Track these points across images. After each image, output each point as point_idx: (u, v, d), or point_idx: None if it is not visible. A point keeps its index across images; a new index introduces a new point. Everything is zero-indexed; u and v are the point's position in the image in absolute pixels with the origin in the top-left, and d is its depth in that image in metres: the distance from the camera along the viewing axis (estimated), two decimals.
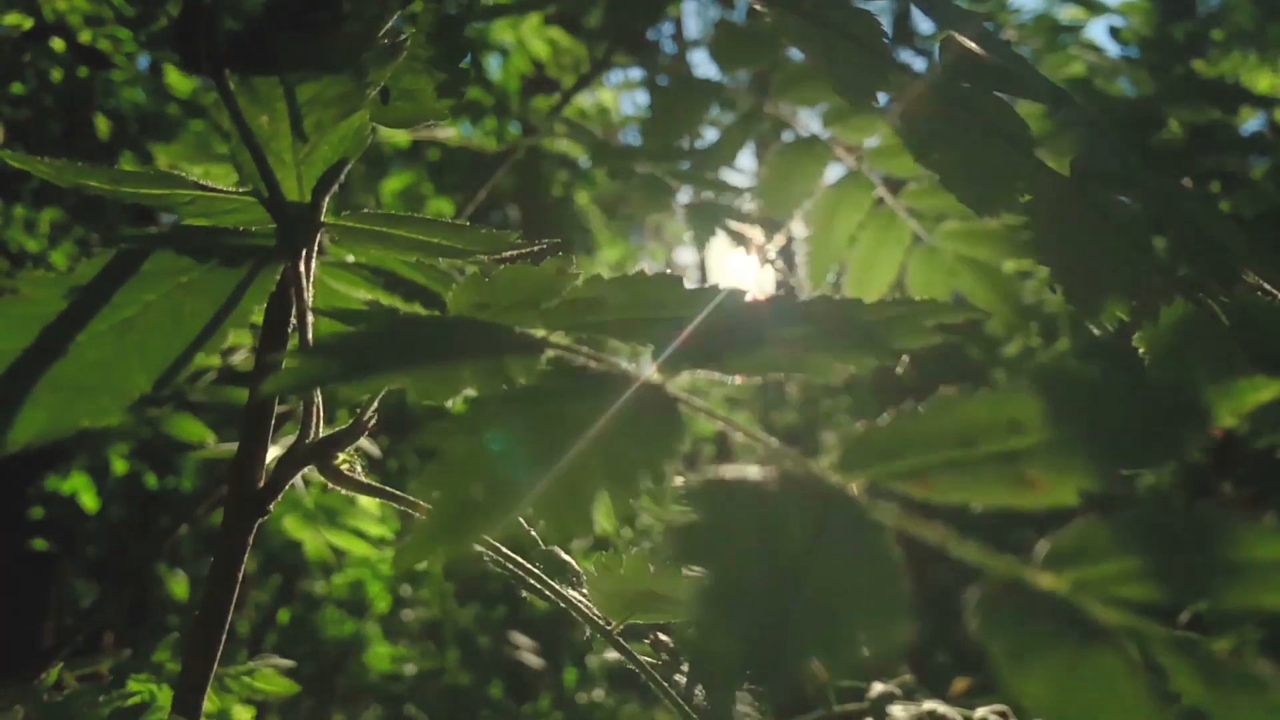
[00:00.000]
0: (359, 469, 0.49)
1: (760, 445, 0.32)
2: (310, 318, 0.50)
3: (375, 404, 0.48)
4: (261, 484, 0.48)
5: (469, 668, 2.94)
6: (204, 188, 0.50)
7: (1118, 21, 1.89)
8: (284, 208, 0.43)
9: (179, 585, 2.86)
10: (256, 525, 0.54)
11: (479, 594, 3.09)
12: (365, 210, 0.50)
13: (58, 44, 2.20)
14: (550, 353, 0.36)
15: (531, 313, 0.44)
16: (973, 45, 0.53)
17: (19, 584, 3.08)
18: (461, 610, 3.05)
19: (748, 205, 1.36)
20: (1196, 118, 1.65)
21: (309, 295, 0.44)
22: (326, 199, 0.44)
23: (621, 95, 3.10)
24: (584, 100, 2.77)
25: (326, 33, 0.41)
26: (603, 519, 0.31)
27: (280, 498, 1.81)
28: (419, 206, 2.91)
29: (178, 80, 2.57)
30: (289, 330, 0.50)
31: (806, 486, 0.30)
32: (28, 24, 2.20)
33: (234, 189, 0.50)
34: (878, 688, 1.06)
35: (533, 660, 2.57)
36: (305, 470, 1.38)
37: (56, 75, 2.28)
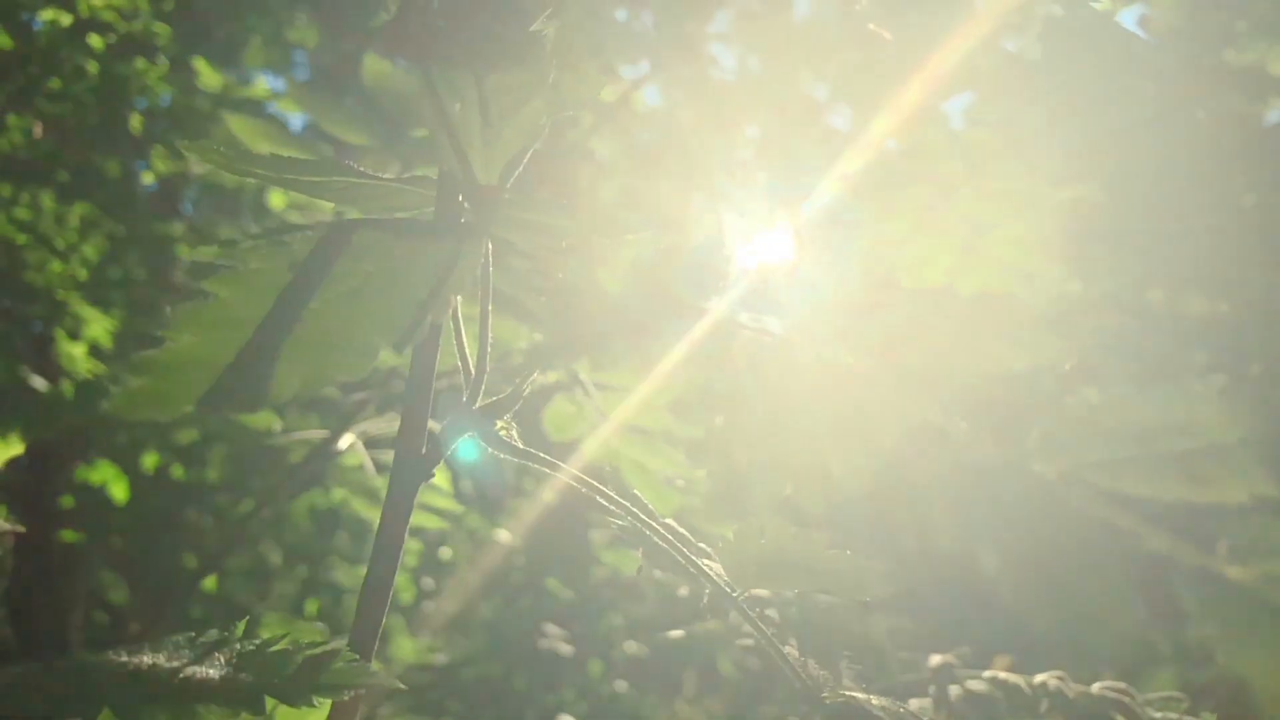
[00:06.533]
0: (515, 434, 0.52)
1: (961, 430, 0.35)
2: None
3: (535, 374, 0.51)
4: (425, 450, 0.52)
5: (495, 659, 2.97)
6: (363, 175, 0.53)
7: (1148, 11, 1.92)
8: (476, 188, 0.47)
9: (207, 578, 2.89)
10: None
11: (502, 587, 3.13)
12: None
13: (96, 41, 2.23)
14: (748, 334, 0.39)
15: (698, 290, 0.47)
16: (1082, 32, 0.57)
17: (47, 575, 3.11)
18: (485, 602, 3.09)
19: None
20: (1225, 108, 1.67)
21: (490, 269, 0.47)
22: (510, 180, 0.48)
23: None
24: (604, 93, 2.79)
25: (509, 27, 0.44)
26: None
27: (315, 488, 1.83)
28: None
29: (208, 75, 2.59)
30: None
31: (1014, 471, 0.33)
32: (66, 20, 2.22)
33: (392, 177, 0.54)
34: (936, 659, 1.09)
35: (563, 649, 2.61)
36: (373, 451, 1.40)
37: (93, 69, 2.31)
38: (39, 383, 2.66)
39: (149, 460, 2.73)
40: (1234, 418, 0.33)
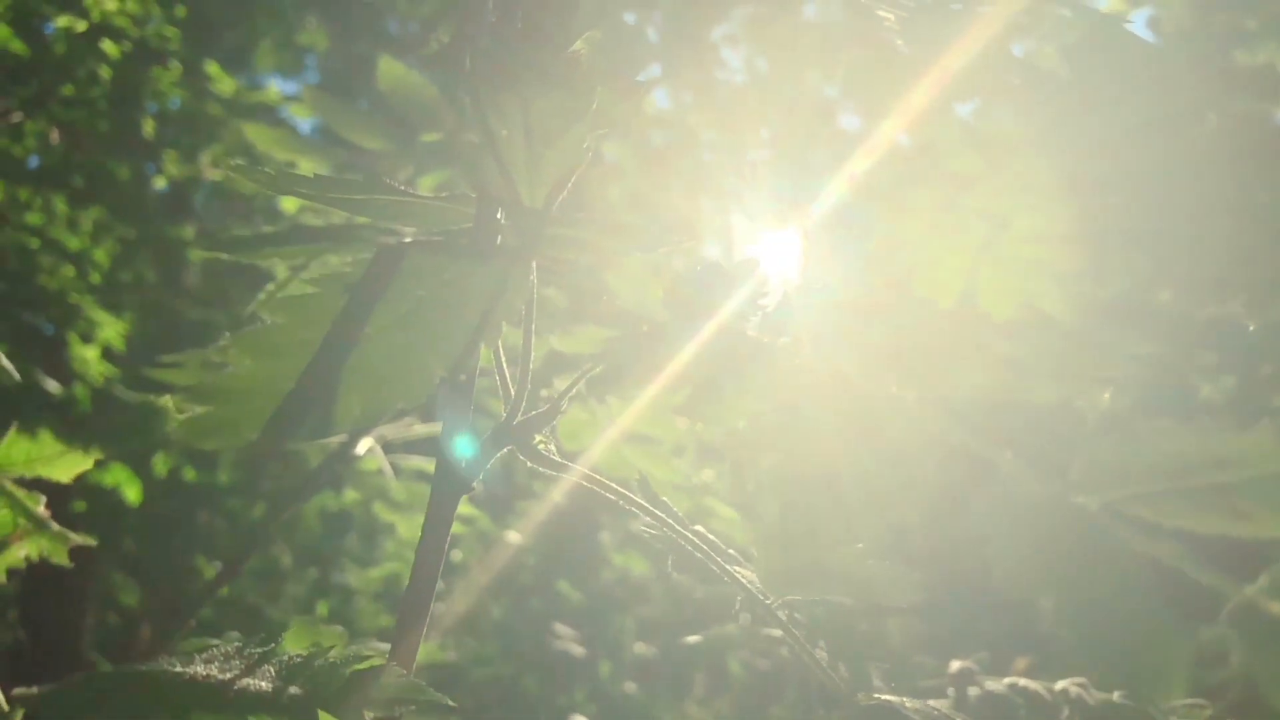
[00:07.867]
0: (553, 449, 0.53)
1: (1004, 461, 0.36)
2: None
3: (575, 389, 0.52)
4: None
5: (505, 660, 2.99)
6: (404, 194, 0.54)
7: (1157, 13, 1.94)
8: (522, 211, 0.47)
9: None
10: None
11: (512, 588, 3.14)
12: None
13: (111, 47, 2.24)
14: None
15: (727, 306, 0.48)
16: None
17: (59, 577, 3.13)
18: (495, 603, 3.10)
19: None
20: (1236, 109, 1.68)
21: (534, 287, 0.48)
22: (555, 203, 0.48)
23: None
24: None
25: (554, 50, 0.45)
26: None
27: (327, 489, 1.84)
28: None
29: (220, 79, 2.60)
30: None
31: (1056, 504, 0.34)
32: (81, 26, 2.23)
33: (432, 194, 0.54)
34: (956, 664, 1.10)
35: (574, 650, 2.63)
36: (391, 459, 1.40)
37: (106, 74, 2.32)
38: (52, 385, 2.68)
39: (161, 463, 2.74)
40: (1274, 449, 0.33)
